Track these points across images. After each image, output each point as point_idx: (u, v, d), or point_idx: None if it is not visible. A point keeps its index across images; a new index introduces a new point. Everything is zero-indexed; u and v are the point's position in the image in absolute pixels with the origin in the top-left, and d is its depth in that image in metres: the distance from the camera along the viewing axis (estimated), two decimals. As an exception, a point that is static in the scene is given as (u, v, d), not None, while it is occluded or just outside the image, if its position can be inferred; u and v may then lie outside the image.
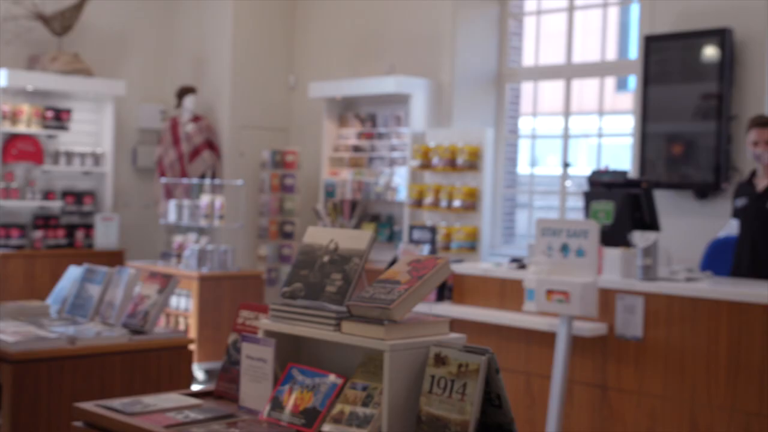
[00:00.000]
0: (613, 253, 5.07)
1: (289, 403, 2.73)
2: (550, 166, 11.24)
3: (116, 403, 2.89)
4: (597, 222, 4.93)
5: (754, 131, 5.32)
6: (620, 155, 7.63)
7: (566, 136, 8.03)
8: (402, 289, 2.70)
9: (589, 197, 5.32)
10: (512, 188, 8.57)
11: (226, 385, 3.09)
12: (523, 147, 8.75)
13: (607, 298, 5.00)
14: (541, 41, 8.37)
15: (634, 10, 13.03)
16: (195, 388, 5.07)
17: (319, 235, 2.90)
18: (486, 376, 2.54)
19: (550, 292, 4.81)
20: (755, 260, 5.30)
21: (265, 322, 2.88)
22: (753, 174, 5.48)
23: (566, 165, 7.85)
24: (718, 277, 5.29)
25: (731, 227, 6.01)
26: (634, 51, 16.62)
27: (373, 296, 2.70)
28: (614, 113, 7.95)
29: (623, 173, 5.35)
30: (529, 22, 8.55)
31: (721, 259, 5.78)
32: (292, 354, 2.89)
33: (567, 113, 8.03)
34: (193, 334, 7.57)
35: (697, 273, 5.09)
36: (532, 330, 5.26)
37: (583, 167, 8.06)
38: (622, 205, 5.18)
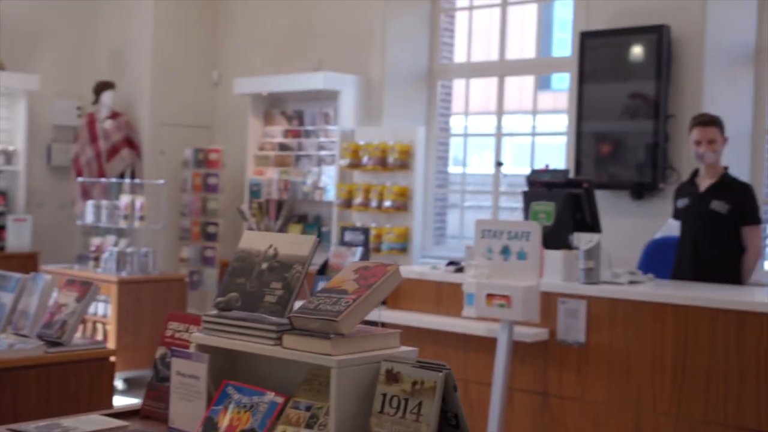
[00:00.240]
0: (555, 256, 4.91)
1: (225, 424, 2.48)
2: (481, 165, 11.12)
3: (32, 427, 2.60)
4: (538, 223, 4.77)
5: (696, 130, 5.22)
6: (549, 154, 7.49)
7: (499, 135, 7.88)
8: (350, 300, 2.48)
9: (529, 198, 5.15)
10: (443, 188, 8.39)
11: (153, 403, 2.82)
12: (455, 145, 8.58)
13: (548, 302, 4.83)
14: (473, 38, 8.21)
15: (558, 7, 13.00)
16: (117, 400, 4.75)
17: (256, 240, 2.66)
18: (443, 394, 2.33)
19: (490, 297, 4.63)
20: (697, 261, 5.20)
21: (197, 336, 2.62)
22: (695, 174, 5.38)
23: (499, 164, 7.69)
24: (661, 279, 5.17)
25: (669, 228, 5.91)
26: (558, 48, 16.76)
27: (318, 307, 2.47)
28: (537, 113, 7.76)
29: (564, 172, 5.20)
30: (461, 18, 8.37)
31: (660, 260, 5.67)
32: (228, 370, 2.64)
33: (500, 111, 7.89)
34: (112, 341, 7.22)
35: (640, 275, 4.96)
36: (471, 335, 5.08)
37: (511, 167, 7.89)
38: (563, 206, 5.02)
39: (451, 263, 5.48)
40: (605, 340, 4.67)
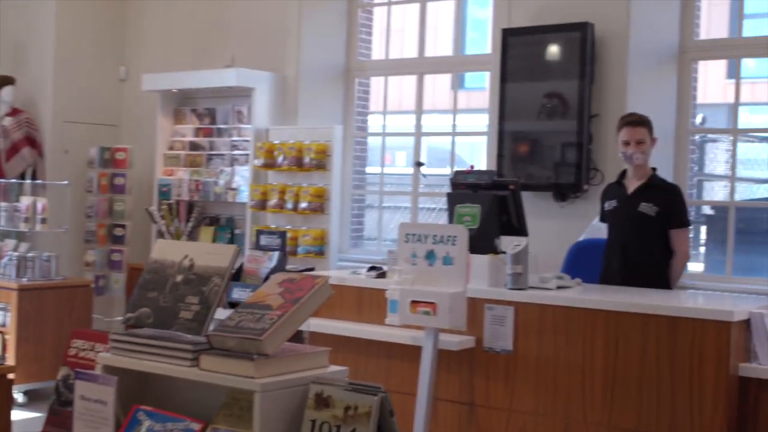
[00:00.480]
0: (481, 261, 4.73)
1: (135, 456, 2.22)
2: (398, 165, 10.94)
3: None
4: (464, 226, 4.58)
5: (625, 130, 5.09)
6: (468, 154, 7.34)
7: (418, 134, 7.70)
8: (274, 316, 2.25)
9: (453, 200, 4.96)
10: (361, 189, 8.18)
11: (55, 430, 2.54)
12: (373, 145, 8.37)
13: (474, 308, 4.65)
14: (391, 35, 8.01)
15: (471, 5, 12.88)
16: (16, 414, 4.39)
17: (170, 250, 2.40)
18: (378, 420, 2.11)
19: (415, 304, 4.42)
20: (626, 264, 5.08)
21: (104, 356, 2.36)
22: (623, 175, 5.26)
23: (418, 164, 7.51)
24: (590, 284, 5.03)
25: (593, 230, 5.80)
26: (472, 47, 16.70)
27: (240, 324, 2.24)
28: (457, 112, 7.59)
29: (490, 174, 5.02)
30: (378, 14, 8.17)
31: (585, 263, 5.56)
32: (138, 394, 2.38)
33: (419, 110, 7.71)
34: (11, 352, 6.81)
35: (568, 280, 4.81)
36: (395, 344, 4.87)
37: (430, 167, 7.71)
38: (489, 209, 4.84)
39: (372, 268, 5.26)
40: (533, 348, 4.51)
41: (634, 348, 4.22)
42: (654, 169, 5.19)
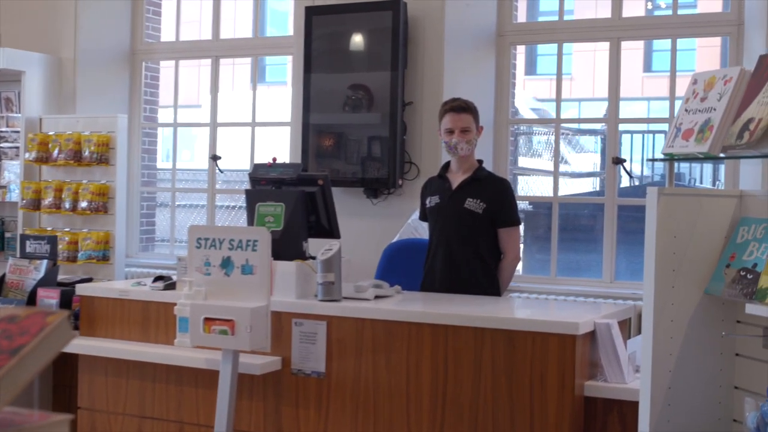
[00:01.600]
0: (287, 268, 4.06)
1: None
2: (196, 161, 10.09)
3: None
4: (266, 228, 3.90)
5: (448, 117, 4.52)
6: (273, 148, 6.63)
7: (214, 125, 6.93)
8: (-22, 378, 1.47)
9: (253, 198, 4.26)
10: (151, 185, 7.34)
11: None
12: (163, 137, 7.54)
13: (280, 324, 3.98)
14: (183, 14, 7.19)
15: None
16: None
17: None
18: None
19: (209, 321, 3.71)
20: (451, 267, 4.50)
21: None
22: (446, 168, 4.69)
23: (214, 158, 6.75)
24: (411, 291, 4.44)
25: (410, 229, 5.24)
26: (274, 28, 15.92)
27: None
28: (252, 99, 6.88)
29: (296, 167, 4.33)
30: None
31: (401, 266, 4.99)
32: None
33: (215, 98, 6.94)
34: None
35: (387, 288, 4.20)
36: (186, 368, 4.13)
37: (230, 161, 6.98)
38: (295, 207, 4.17)
39: (159, 278, 4.49)
40: (350, 369, 3.86)
41: (465, 366, 3.65)
42: (480, 162, 4.65)
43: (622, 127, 5.84)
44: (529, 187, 8.84)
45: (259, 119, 6.79)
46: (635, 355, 3.65)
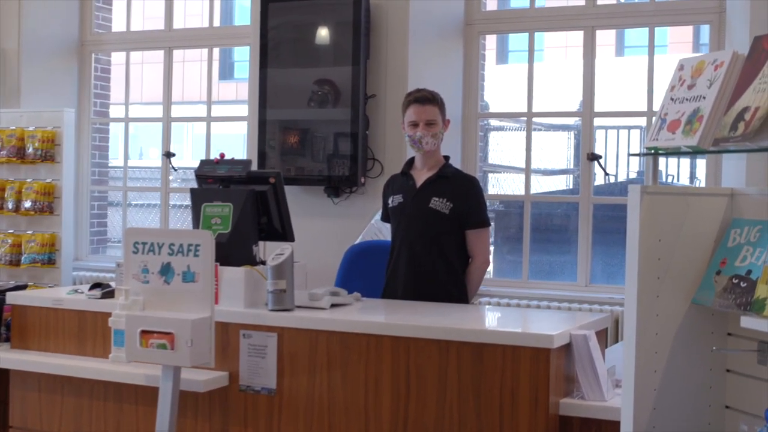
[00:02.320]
0: (234, 275, 3.71)
1: None
2: (151, 159, 9.71)
3: None
4: (211, 232, 3.56)
5: (412, 109, 4.18)
6: (233, 147, 6.28)
7: (167, 120, 6.56)
8: None
9: (199, 197, 3.90)
10: (102, 184, 6.97)
11: None
12: (116, 133, 7.16)
13: (227, 336, 3.64)
14: (133, 4, 6.82)
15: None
16: None
17: None
18: None
19: (146, 334, 3.36)
20: (415, 273, 4.16)
21: None
22: (410, 164, 4.34)
23: (168, 155, 6.39)
24: (372, 299, 4.10)
25: (373, 230, 4.90)
26: (241, 17, 15.42)
27: None
28: (208, 92, 6.52)
29: (245, 164, 3.97)
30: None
31: (363, 271, 4.66)
32: None
33: (168, 91, 6.57)
34: None
35: (345, 295, 3.86)
36: (125, 384, 3.78)
37: (188, 159, 6.65)
38: (244, 208, 3.82)
39: (96, 285, 4.13)
40: (303, 385, 3.52)
41: (429, 383, 3.32)
42: (447, 158, 4.31)
43: (597, 122, 5.53)
44: (500, 185, 8.51)
45: (225, 115, 6.42)
46: (615, 369, 3.34)
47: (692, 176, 9.18)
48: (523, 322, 3.91)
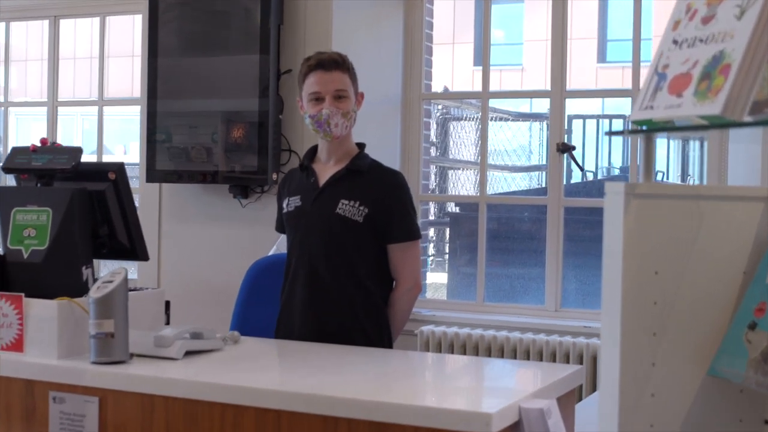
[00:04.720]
0: (44, 311, 2.62)
1: None
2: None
3: None
4: (22, 249, 2.48)
5: (313, 77, 3.07)
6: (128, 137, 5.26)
7: (53, 105, 5.48)
8: None
9: (8, 199, 2.80)
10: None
11: None
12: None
13: (33, 400, 2.56)
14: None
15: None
16: None
17: None
18: None
19: None
20: (316, 301, 3.03)
21: None
22: (311, 156, 3.22)
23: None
24: (260, 341, 3.00)
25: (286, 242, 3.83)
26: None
27: None
28: (99, 70, 5.49)
29: (73, 153, 2.84)
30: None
31: (267, 292, 3.58)
32: None
33: (54, 70, 5.50)
34: None
35: (213, 339, 2.76)
36: None
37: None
38: (70, 214, 2.72)
39: None
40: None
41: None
42: (361, 146, 3.20)
43: (572, 107, 4.46)
44: (461, 184, 7.43)
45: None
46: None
47: (683, 172, 7.71)
48: (454, 385, 2.74)
